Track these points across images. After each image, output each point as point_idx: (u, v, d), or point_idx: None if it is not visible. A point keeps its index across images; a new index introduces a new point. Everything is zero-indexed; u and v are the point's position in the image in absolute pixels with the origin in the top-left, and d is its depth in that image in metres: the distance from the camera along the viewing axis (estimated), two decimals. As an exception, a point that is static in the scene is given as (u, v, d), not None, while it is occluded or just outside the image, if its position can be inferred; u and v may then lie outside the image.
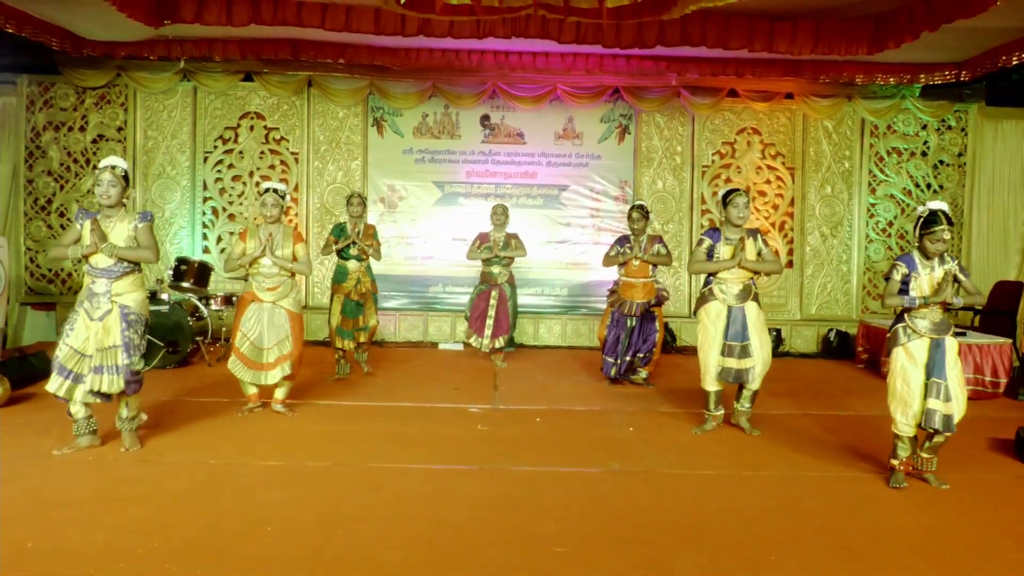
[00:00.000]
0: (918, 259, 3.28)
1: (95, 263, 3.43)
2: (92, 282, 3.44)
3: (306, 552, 2.50)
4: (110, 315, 3.42)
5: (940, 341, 3.23)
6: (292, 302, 4.21)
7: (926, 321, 3.25)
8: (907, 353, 3.27)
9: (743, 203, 3.92)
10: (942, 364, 3.20)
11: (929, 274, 3.25)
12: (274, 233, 4.19)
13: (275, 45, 6.29)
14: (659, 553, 2.57)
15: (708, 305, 4.00)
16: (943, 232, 3.19)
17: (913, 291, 3.25)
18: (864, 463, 3.64)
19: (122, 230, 3.45)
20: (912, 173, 7.22)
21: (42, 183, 6.93)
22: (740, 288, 3.97)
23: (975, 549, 2.66)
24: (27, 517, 2.70)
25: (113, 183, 3.41)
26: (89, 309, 3.43)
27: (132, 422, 3.56)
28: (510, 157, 7.32)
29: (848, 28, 5.57)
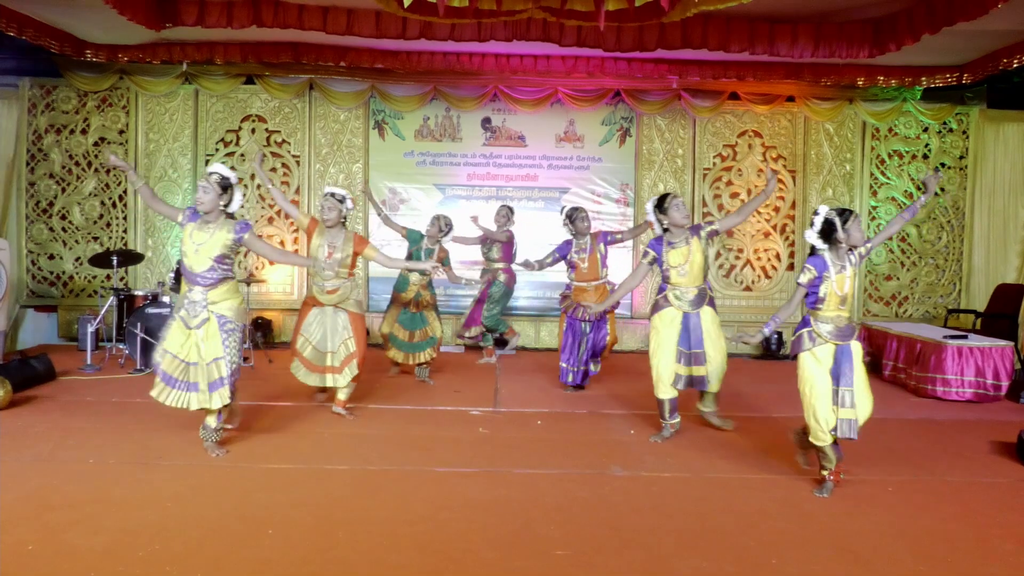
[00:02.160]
0: (830, 260, 3.18)
1: (190, 268, 3.41)
2: (189, 289, 3.44)
3: (307, 555, 2.50)
4: (208, 324, 3.41)
5: (846, 347, 3.15)
6: (354, 304, 4.21)
7: (830, 326, 3.17)
8: (814, 358, 3.19)
9: (682, 203, 3.95)
10: (848, 371, 3.12)
11: (840, 274, 3.15)
12: (335, 237, 4.18)
13: (276, 48, 6.31)
14: (660, 556, 2.56)
15: (663, 311, 3.96)
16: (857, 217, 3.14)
17: (823, 293, 3.15)
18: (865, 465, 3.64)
19: (220, 237, 3.41)
20: (913, 176, 7.22)
21: (44, 186, 6.94)
22: (695, 293, 3.94)
23: (976, 552, 2.65)
24: (28, 520, 2.71)
25: (206, 189, 3.40)
26: (186, 317, 3.42)
27: (218, 433, 3.56)
28: (511, 160, 7.32)
29: (849, 31, 5.58)
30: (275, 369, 5.86)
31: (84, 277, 7.00)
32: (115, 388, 4.96)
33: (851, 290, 3.18)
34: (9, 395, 4.29)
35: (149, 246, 7.02)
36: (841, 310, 3.17)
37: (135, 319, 5.44)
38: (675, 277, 3.93)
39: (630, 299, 7.30)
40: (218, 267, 3.41)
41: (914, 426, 4.52)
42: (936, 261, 7.26)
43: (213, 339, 3.40)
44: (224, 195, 3.44)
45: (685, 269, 3.91)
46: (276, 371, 5.78)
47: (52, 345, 6.73)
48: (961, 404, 5.08)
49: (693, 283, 3.95)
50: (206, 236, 3.40)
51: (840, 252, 3.18)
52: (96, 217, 7.01)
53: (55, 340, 6.93)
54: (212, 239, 3.40)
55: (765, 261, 7.32)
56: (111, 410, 4.36)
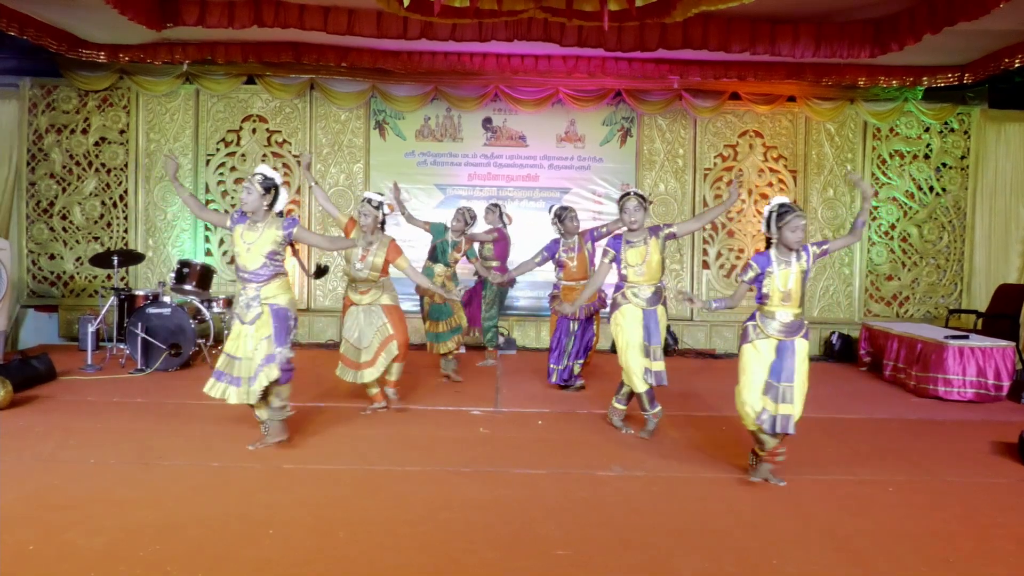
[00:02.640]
0: (774, 257, 3.17)
1: (244, 266, 3.51)
2: (243, 287, 3.53)
3: (308, 555, 2.50)
4: (261, 318, 3.50)
5: (789, 343, 3.16)
6: (389, 298, 4.32)
7: (776, 322, 3.17)
8: (754, 350, 3.21)
9: (637, 204, 3.99)
10: (789, 367, 3.13)
11: (784, 270, 3.14)
12: (372, 242, 4.25)
13: (277, 48, 6.32)
14: (661, 556, 2.57)
15: (623, 308, 4.02)
16: (798, 219, 3.09)
17: (766, 289, 3.15)
18: (866, 466, 3.64)
19: (269, 235, 3.51)
20: (915, 176, 7.22)
21: (44, 186, 6.95)
22: (652, 292, 4.01)
23: (978, 552, 2.65)
24: (29, 519, 2.71)
25: (249, 190, 3.48)
26: (241, 313, 3.51)
27: (281, 412, 3.62)
28: (512, 160, 7.33)
29: (850, 31, 5.58)
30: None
31: (85, 277, 7.01)
32: (116, 388, 4.97)
33: (796, 287, 3.15)
34: (10, 395, 4.30)
35: (150, 246, 7.03)
36: (785, 306, 3.16)
37: (136, 319, 5.44)
38: (632, 275, 4.01)
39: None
40: (270, 263, 3.52)
41: (915, 426, 4.52)
42: (937, 261, 7.26)
43: (263, 326, 3.50)
44: (267, 195, 3.51)
45: (642, 269, 3.99)
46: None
47: (53, 345, 6.73)
48: (962, 404, 5.08)
49: (649, 281, 4.02)
50: (255, 235, 3.51)
51: (782, 250, 3.17)
52: (97, 217, 7.02)
53: (56, 340, 6.94)
54: (262, 237, 3.50)
55: (766, 261, 7.32)
56: (112, 410, 4.37)
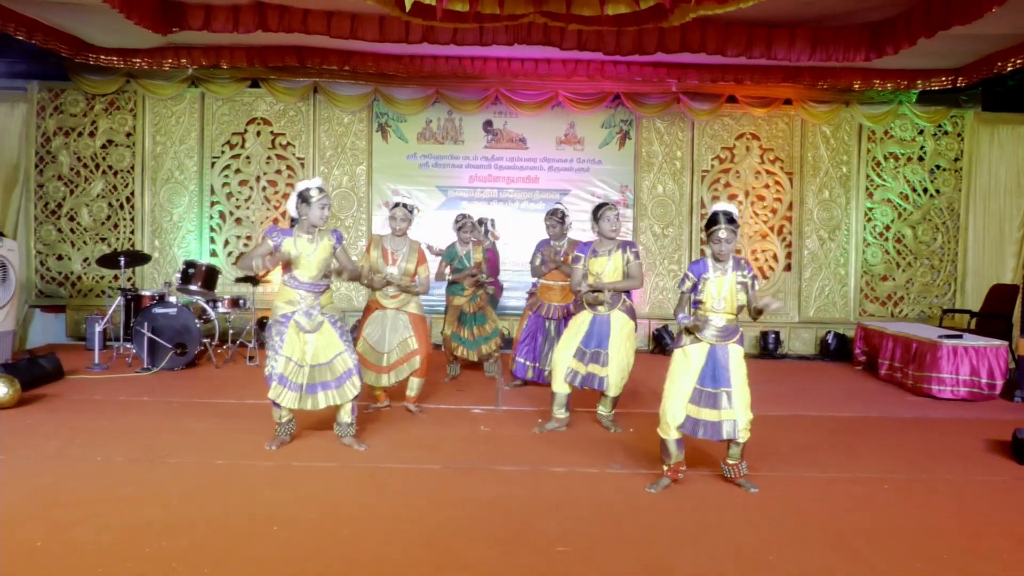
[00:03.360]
0: (710, 264, 3.19)
1: (301, 276, 3.56)
2: (300, 296, 3.56)
3: (311, 552, 2.53)
4: (323, 327, 3.57)
5: (723, 348, 3.17)
6: (415, 306, 4.36)
7: (710, 327, 3.17)
8: (684, 356, 3.21)
9: (614, 216, 4.01)
10: (725, 372, 3.13)
11: (719, 278, 3.16)
12: (400, 246, 4.30)
13: (281, 52, 6.38)
14: (659, 552, 2.60)
15: (579, 314, 4.11)
16: (720, 231, 3.10)
17: (701, 294, 3.18)
18: (862, 464, 3.68)
19: (325, 245, 3.60)
20: (909, 178, 7.28)
21: (52, 187, 7.01)
22: (610, 297, 4.03)
23: (972, 550, 2.67)
24: (36, 516, 2.74)
25: (324, 204, 3.54)
26: (301, 321, 3.55)
27: (352, 427, 3.71)
28: (512, 162, 7.39)
29: (846, 35, 5.64)
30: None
31: (92, 277, 7.07)
32: (122, 387, 5.02)
33: (731, 295, 3.16)
34: (18, 394, 4.34)
35: (156, 247, 7.10)
36: (718, 311, 3.17)
37: (142, 319, 5.50)
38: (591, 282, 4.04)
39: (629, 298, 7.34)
40: (324, 275, 3.62)
41: (910, 425, 4.56)
42: (931, 262, 7.32)
43: (330, 338, 3.59)
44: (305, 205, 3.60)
45: (602, 276, 4.02)
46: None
47: (60, 344, 6.79)
48: (956, 403, 5.13)
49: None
50: (313, 246, 3.57)
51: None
52: (104, 218, 7.09)
53: (63, 340, 7.00)
54: (320, 248, 3.58)
55: (763, 262, 7.37)
56: (118, 409, 4.42)
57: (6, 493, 2.95)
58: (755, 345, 7.23)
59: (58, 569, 2.36)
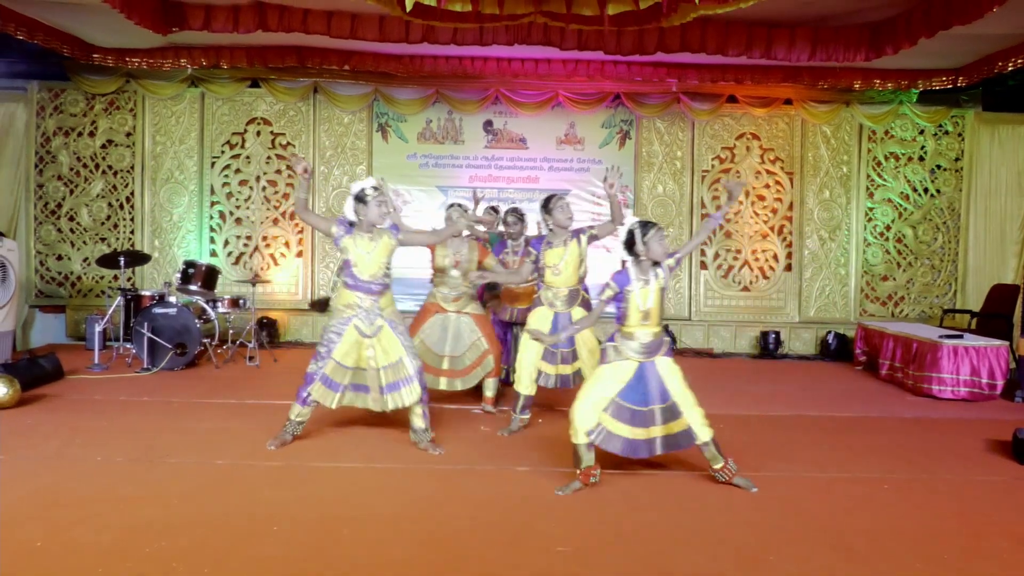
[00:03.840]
0: (633, 274, 3.13)
1: (360, 276, 3.54)
2: (359, 299, 3.56)
3: (312, 552, 2.53)
4: (383, 330, 3.56)
5: (650, 365, 3.12)
6: (475, 307, 4.38)
7: (634, 342, 3.11)
8: (611, 372, 3.14)
9: (566, 205, 3.99)
10: (658, 390, 3.09)
11: (644, 288, 3.11)
12: (460, 246, 4.32)
13: (281, 52, 6.39)
14: (659, 552, 2.60)
15: (536, 310, 4.06)
16: (661, 231, 3.10)
17: (625, 309, 3.11)
18: (862, 464, 3.69)
19: (385, 244, 3.58)
20: (909, 178, 7.28)
21: (52, 187, 7.02)
22: (566, 294, 4.02)
23: (973, 550, 2.67)
24: (36, 516, 2.75)
25: (381, 202, 3.53)
26: (361, 325, 3.54)
27: (427, 433, 3.70)
28: (512, 162, 7.39)
29: (846, 35, 5.64)
30: (280, 368, 5.92)
31: (92, 277, 7.07)
32: (122, 387, 5.03)
33: (656, 305, 3.12)
34: (18, 394, 4.34)
35: (156, 247, 7.10)
36: (644, 325, 3.11)
37: (142, 319, 5.51)
38: (549, 276, 4.01)
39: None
40: (384, 276, 3.60)
41: (910, 424, 4.57)
42: (932, 262, 7.32)
43: (391, 342, 3.58)
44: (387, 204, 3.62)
45: (559, 269, 3.99)
46: (281, 370, 5.85)
47: (60, 344, 6.79)
48: (957, 403, 5.13)
49: (566, 284, 4.03)
50: (374, 245, 3.56)
51: (644, 266, 3.13)
52: (104, 218, 7.09)
53: (63, 340, 7.00)
54: (380, 247, 3.57)
55: (763, 262, 7.37)
56: (118, 409, 4.42)
57: (6, 493, 2.95)
58: (755, 345, 7.24)
59: (58, 569, 2.36)
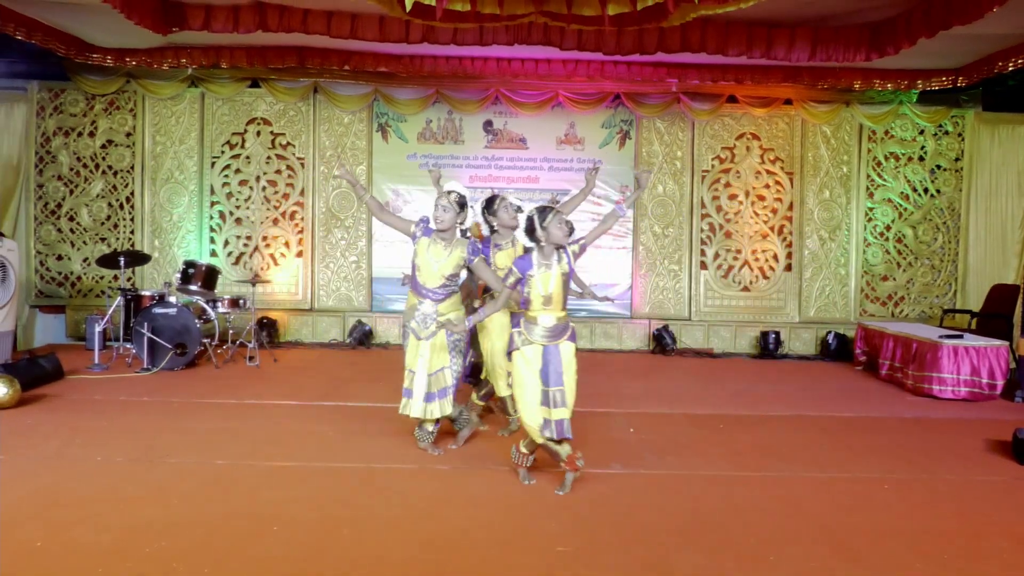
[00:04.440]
0: (535, 260, 3.13)
1: (424, 283, 3.51)
2: (419, 302, 3.54)
3: (312, 552, 2.54)
4: (437, 336, 3.52)
5: (554, 348, 3.13)
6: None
7: (539, 327, 3.13)
8: (523, 358, 3.15)
9: (510, 205, 3.94)
10: (557, 372, 3.12)
11: (544, 273, 3.10)
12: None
13: (281, 52, 6.39)
14: (659, 552, 2.61)
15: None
16: (560, 216, 3.08)
17: (528, 294, 3.11)
18: (862, 464, 3.69)
19: (456, 257, 3.48)
20: (910, 178, 7.28)
21: (52, 187, 7.02)
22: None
23: (973, 550, 2.68)
24: (37, 516, 2.75)
25: (446, 208, 3.44)
26: (417, 329, 3.53)
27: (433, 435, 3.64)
28: (512, 162, 7.39)
29: (846, 35, 5.64)
30: (280, 368, 5.93)
31: (92, 277, 7.07)
32: (122, 387, 5.03)
33: (557, 290, 3.12)
34: (18, 394, 4.34)
35: (156, 247, 7.10)
36: (547, 310, 3.12)
37: (142, 319, 5.51)
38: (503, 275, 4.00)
39: (629, 299, 7.36)
40: (449, 284, 3.53)
41: (910, 424, 4.57)
42: (932, 262, 7.32)
43: (440, 350, 3.55)
44: (461, 213, 3.50)
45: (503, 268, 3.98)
46: (281, 370, 5.85)
47: (60, 345, 6.79)
48: (957, 403, 5.13)
49: None
50: (444, 254, 3.48)
51: (545, 251, 3.13)
52: (103, 218, 7.09)
53: (63, 340, 7.00)
54: (450, 257, 3.48)
55: (763, 262, 7.38)
56: (118, 409, 4.42)
57: (6, 493, 2.95)
58: (755, 345, 7.24)
59: (58, 569, 2.36)
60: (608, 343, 7.29)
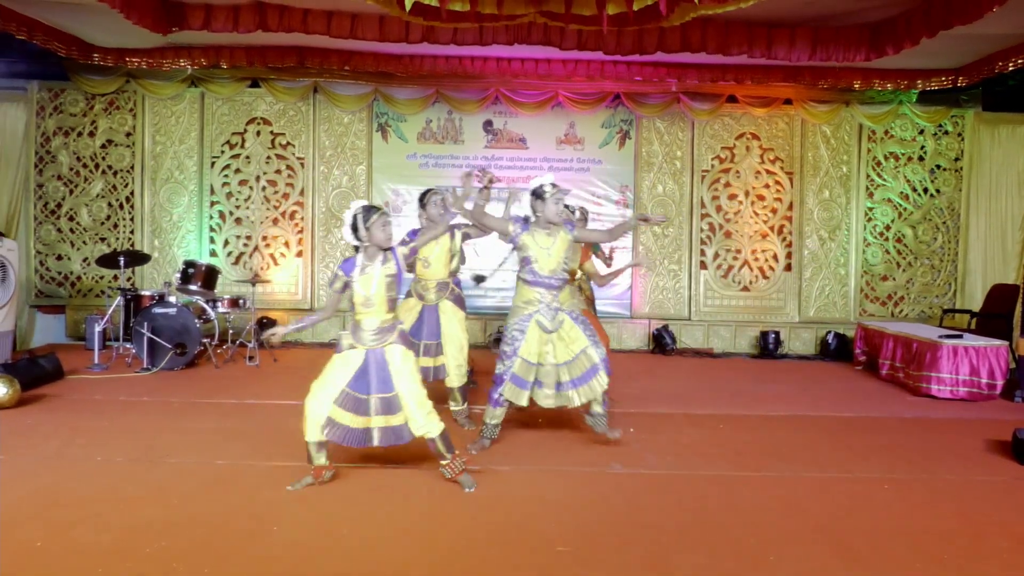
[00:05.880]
0: (358, 261, 3.09)
1: (540, 272, 3.51)
2: (538, 295, 3.53)
3: (312, 551, 2.54)
4: (564, 324, 3.53)
5: (379, 352, 3.08)
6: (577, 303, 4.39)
7: (363, 331, 3.08)
8: (341, 362, 3.08)
9: (440, 200, 3.97)
10: (382, 378, 3.05)
11: (366, 276, 3.07)
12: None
13: (281, 52, 6.39)
14: (659, 552, 2.60)
15: (405, 300, 4.07)
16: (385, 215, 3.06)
17: (352, 297, 3.09)
18: (862, 464, 3.69)
19: (564, 239, 3.55)
20: (909, 177, 7.28)
21: (52, 187, 7.02)
22: (435, 286, 4.06)
23: (973, 550, 2.67)
24: (37, 516, 2.75)
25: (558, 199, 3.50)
26: (542, 321, 3.52)
27: (603, 417, 3.69)
28: (512, 162, 7.39)
29: (846, 35, 5.64)
30: (280, 368, 5.92)
31: (92, 277, 7.07)
32: (122, 387, 5.03)
33: (380, 292, 3.05)
34: (18, 394, 4.34)
35: (156, 247, 7.10)
36: (368, 312, 3.07)
37: (142, 319, 5.51)
38: (420, 269, 4.02)
39: (629, 299, 7.36)
40: (565, 267, 3.57)
41: (910, 424, 4.57)
42: (932, 262, 7.32)
43: (573, 333, 3.54)
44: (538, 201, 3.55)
45: (430, 262, 4.02)
46: (281, 370, 5.85)
47: (60, 344, 6.79)
48: (956, 403, 5.13)
49: (435, 276, 4.05)
50: (552, 240, 3.53)
51: (370, 252, 3.08)
52: (103, 218, 7.09)
53: (63, 340, 7.00)
54: (559, 242, 3.54)
55: (763, 262, 7.38)
56: (118, 408, 4.42)
57: (6, 493, 2.95)
58: (755, 345, 7.24)
59: (58, 569, 2.36)
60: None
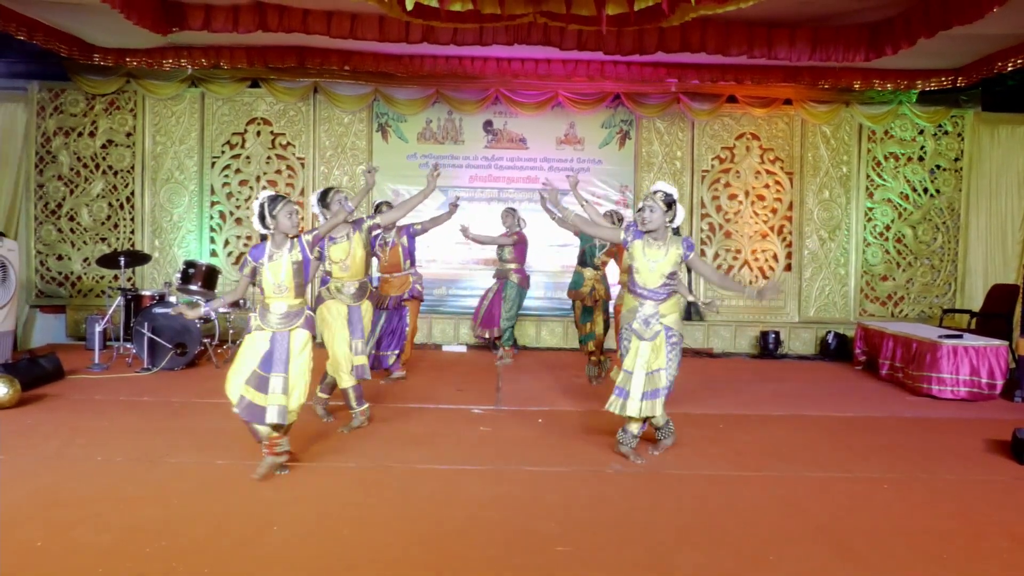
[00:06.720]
0: (268, 248, 3.20)
1: (644, 284, 3.49)
2: (640, 304, 3.52)
3: (312, 551, 2.54)
4: (658, 336, 3.49)
5: (284, 335, 3.19)
6: None
7: (271, 314, 3.20)
8: (252, 341, 3.21)
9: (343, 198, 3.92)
10: (281, 359, 3.15)
11: (275, 262, 3.17)
12: None
13: (281, 52, 6.39)
14: (660, 552, 2.61)
15: (327, 303, 4.11)
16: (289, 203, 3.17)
17: (260, 281, 3.19)
18: (861, 463, 3.69)
19: (672, 255, 3.46)
20: (909, 178, 7.28)
21: (52, 187, 7.02)
22: (356, 287, 4.11)
23: (972, 550, 2.68)
24: (37, 516, 2.75)
25: (652, 208, 3.42)
26: (640, 330, 3.50)
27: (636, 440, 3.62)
28: (512, 162, 7.40)
29: (846, 35, 5.64)
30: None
31: (92, 277, 7.08)
32: (123, 387, 5.03)
33: (288, 278, 3.18)
34: (18, 394, 4.35)
35: (156, 247, 7.10)
36: (279, 297, 3.20)
37: (142, 319, 5.51)
38: (337, 271, 4.06)
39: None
40: (669, 283, 3.49)
41: (910, 424, 4.57)
42: (932, 262, 7.32)
43: (659, 351, 3.49)
44: (669, 211, 3.44)
45: (347, 264, 4.04)
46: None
47: (60, 344, 6.79)
48: (956, 403, 5.13)
49: (354, 277, 4.09)
50: (660, 254, 3.45)
51: (277, 240, 3.21)
52: (104, 218, 7.09)
53: (63, 339, 7.00)
54: (667, 257, 3.45)
55: (763, 262, 7.38)
56: (119, 409, 4.43)
57: (6, 493, 2.95)
58: (755, 345, 7.24)
59: (58, 569, 2.36)
60: (608, 343, 7.27)
